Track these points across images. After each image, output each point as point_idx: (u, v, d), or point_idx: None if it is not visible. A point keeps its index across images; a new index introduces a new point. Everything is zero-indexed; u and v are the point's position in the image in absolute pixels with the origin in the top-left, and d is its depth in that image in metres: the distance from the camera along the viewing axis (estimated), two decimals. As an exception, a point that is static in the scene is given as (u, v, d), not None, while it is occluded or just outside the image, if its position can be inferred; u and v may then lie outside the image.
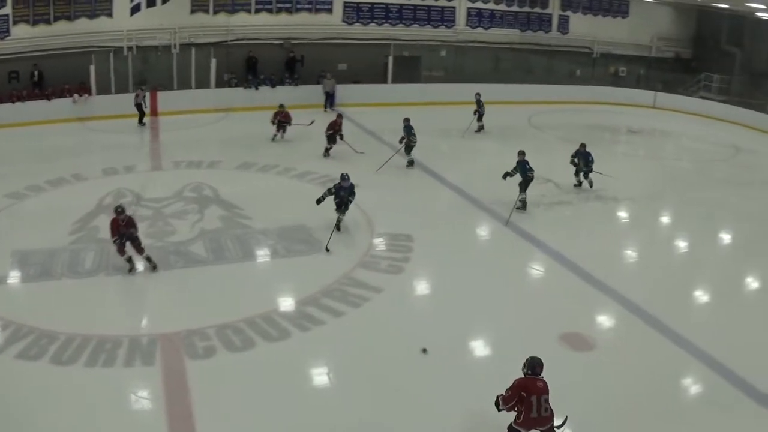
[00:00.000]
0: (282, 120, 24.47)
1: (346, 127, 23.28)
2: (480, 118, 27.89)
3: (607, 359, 12.12)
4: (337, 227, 16.58)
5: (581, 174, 21.05)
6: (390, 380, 11.18)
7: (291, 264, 15.41)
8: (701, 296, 15.44)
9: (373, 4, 33.00)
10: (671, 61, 39.81)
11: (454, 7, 34.91)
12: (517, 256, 16.63)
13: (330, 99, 30.50)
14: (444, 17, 34.88)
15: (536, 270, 16.18)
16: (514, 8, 36.37)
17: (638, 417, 10.17)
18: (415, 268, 15.40)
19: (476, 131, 27.84)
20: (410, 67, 33.92)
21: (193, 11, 29.09)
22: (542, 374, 9.14)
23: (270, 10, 30.61)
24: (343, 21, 32.42)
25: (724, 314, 14.29)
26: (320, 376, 11.44)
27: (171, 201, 18.29)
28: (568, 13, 37.72)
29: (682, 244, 18.51)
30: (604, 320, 13.92)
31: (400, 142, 22.25)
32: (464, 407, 10.55)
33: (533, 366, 9.13)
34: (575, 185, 21.28)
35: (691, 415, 10.88)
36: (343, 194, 16.51)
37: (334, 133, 22.83)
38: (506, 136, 27.78)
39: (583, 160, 20.87)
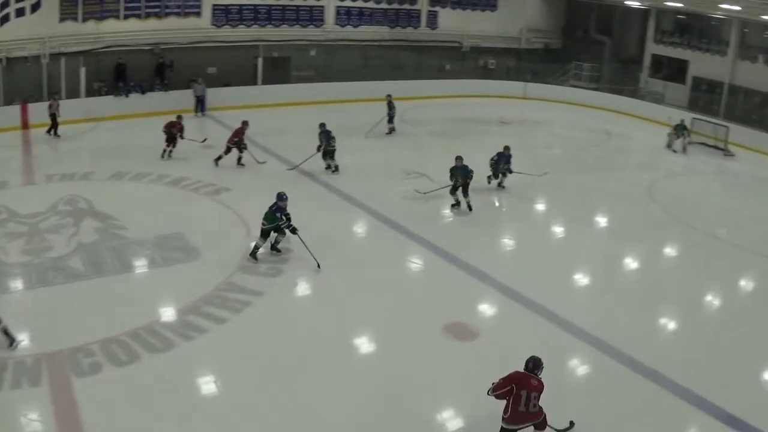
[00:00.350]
0: (176, 132, 23.33)
1: (219, 131, 23.19)
2: (391, 120, 28.37)
3: (492, 346, 12.81)
4: (277, 249, 16.47)
5: (500, 175, 21.57)
6: (276, 384, 11.50)
7: (169, 273, 15.45)
8: (580, 279, 16.55)
9: (241, 6, 32.98)
10: (541, 51, 41.44)
11: (323, 6, 35.35)
12: (396, 250, 17.25)
13: (201, 103, 30.42)
14: (313, 17, 35.24)
15: (415, 263, 16.83)
16: (383, 5, 37.13)
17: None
18: (294, 269, 15.78)
19: (387, 133, 28.32)
20: (280, 68, 34.20)
21: (62, 20, 28.32)
22: (540, 374, 9.65)
23: (139, 16, 30.20)
24: (212, 24, 32.32)
25: (603, 295, 15.43)
26: (208, 385, 11.54)
27: (46, 216, 18.00)
28: (437, 8, 38.72)
29: (558, 230, 19.67)
30: (486, 308, 14.72)
31: (318, 149, 22.22)
32: (354, 406, 11.04)
33: (528, 363, 9.67)
34: (489, 182, 21.78)
35: (579, 393, 11.76)
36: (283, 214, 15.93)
37: (239, 141, 22.60)
38: (378, 134, 28.17)
39: (504, 162, 21.45)
